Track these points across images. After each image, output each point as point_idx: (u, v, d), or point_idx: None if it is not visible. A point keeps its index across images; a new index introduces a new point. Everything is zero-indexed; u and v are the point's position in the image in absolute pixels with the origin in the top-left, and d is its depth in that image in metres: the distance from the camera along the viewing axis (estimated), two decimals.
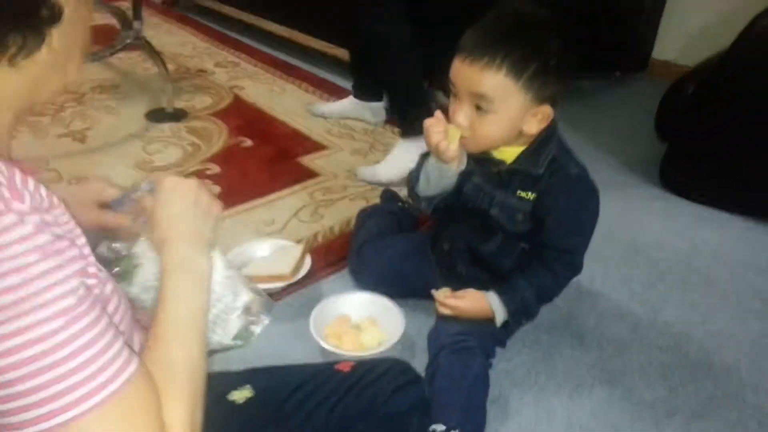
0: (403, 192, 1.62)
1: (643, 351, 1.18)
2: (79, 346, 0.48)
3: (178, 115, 2.05)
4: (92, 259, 0.56)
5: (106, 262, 0.75)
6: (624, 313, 1.27)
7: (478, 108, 0.97)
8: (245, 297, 0.85)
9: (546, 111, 0.99)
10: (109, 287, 0.61)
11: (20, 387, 0.46)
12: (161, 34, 2.86)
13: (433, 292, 1.10)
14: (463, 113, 0.98)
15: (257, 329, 0.88)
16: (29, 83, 0.53)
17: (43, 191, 0.51)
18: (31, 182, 0.50)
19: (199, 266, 0.69)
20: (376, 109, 2.03)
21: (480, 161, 1.10)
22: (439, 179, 1.07)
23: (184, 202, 0.71)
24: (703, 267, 1.41)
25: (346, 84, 2.34)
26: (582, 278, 1.30)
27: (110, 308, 0.60)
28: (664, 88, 1.83)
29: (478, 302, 1.06)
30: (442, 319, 1.09)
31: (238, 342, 0.88)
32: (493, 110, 0.96)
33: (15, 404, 0.46)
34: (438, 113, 1.02)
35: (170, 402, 0.56)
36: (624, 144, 1.97)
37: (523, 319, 1.11)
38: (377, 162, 1.73)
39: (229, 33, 2.94)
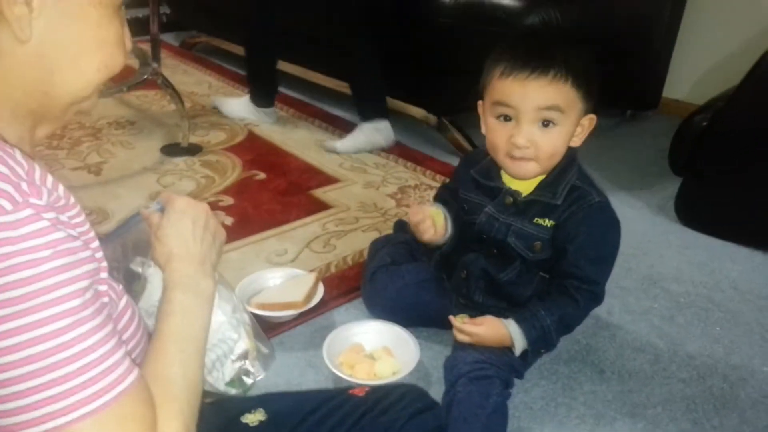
0: None
1: (666, 384, 1.14)
2: (81, 349, 0.47)
3: (193, 150, 2.07)
4: (105, 265, 0.55)
5: (132, 277, 0.75)
6: (644, 346, 1.24)
7: (545, 124, 0.98)
8: (244, 344, 0.84)
9: (591, 120, 1.02)
10: (123, 301, 0.60)
11: (19, 387, 0.45)
12: (178, 74, 2.92)
13: (451, 318, 1.07)
14: (523, 134, 0.98)
15: (249, 381, 0.87)
16: (27, 72, 0.52)
17: (61, 190, 0.51)
18: (49, 179, 0.50)
19: (205, 286, 0.70)
20: (269, 113, 2.33)
21: (493, 194, 1.10)
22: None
23: (194, 223, 0.72)
24: (724, 300, 1.38)
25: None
26: (600, 310, 1.29)
27: (121, 324, 0.59)
28: (675, 125, 1.84)
29: (497, 329, 1.04)
30: (459, 347, 1.07)
31: (231, 389, 0.86)
32: (560, 122, 0.98)
33: (13, 405, 0.45)
34: (413, 208, 1.13)
35: (165, 417, 0.54)
36: (639, 179, 1.96)
37: (542, 349, 1.09)
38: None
39: (243, 72, 2.99)
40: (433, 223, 1.12)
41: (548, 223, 1.05)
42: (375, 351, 1.16)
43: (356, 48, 2.03)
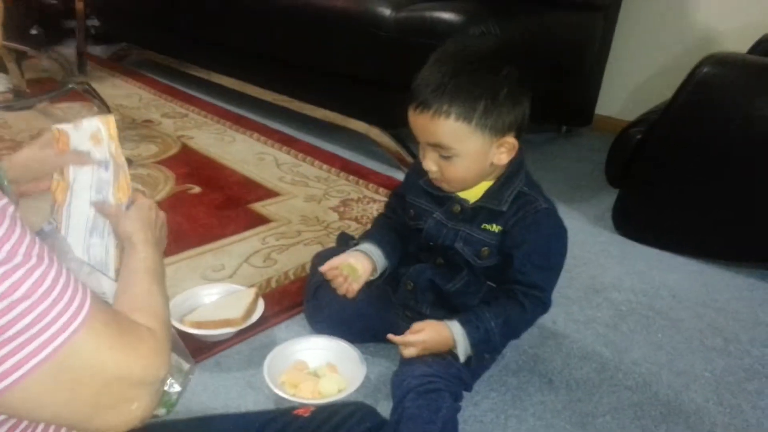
0: (358, 233, 1.58)
1: (613, 392, 1.13)
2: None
3: None
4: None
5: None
6: (590, 355, 1.23)
7: (440, 155, 0.97)
8: None
9: (510, 141, 0.98)
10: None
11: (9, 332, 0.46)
12: (107, 87, 2.78)
13: (390, 336, 1.03)
14: (429, 160, 1.00)
15: (173, 395, 0.81)
16: None
17: None
18: None
19: (162, 265, 0.77)
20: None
21: (440, 201, 1.08)
22: None
23: (154, 215, 0.84)
24: (664, 308, 1.40)
25: (297, 133, 2.33)
26: (545, 319, 1.29)
27: None
28: (608, 141, 1.89)
29: (440, 331, 1.01)
30: (405, 361, 1.02)
31: (161, 410, 0.80)
32: (455, 154, 0.96)
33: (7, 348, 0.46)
34: (328, 264, 1.10)
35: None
36: (576, 193, 2.00)
37: (486, 353, 1.05)
38: None
39: (177, 86, 2.89)
40: (349, 277, 1.09)
41: (496, 228, 1.03)
42: (319, 368, 1.10)
43: None
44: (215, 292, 1.25)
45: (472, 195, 1.06)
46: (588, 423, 1.06)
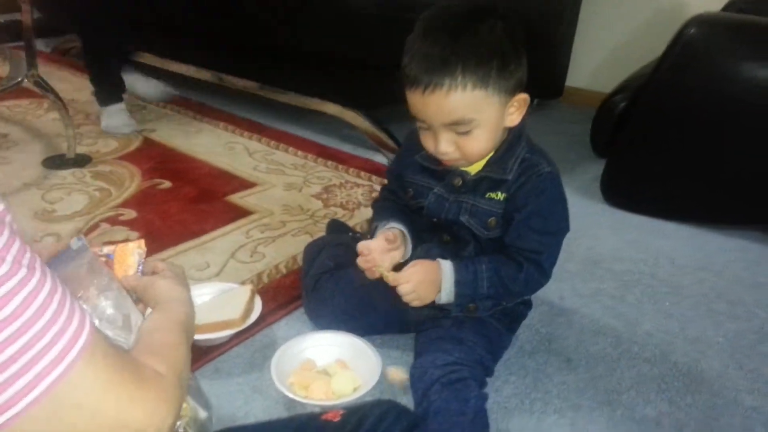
0: (352, 220, 1.50)
1: (632, 366, 1.10)
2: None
3: (81, 161, 1.83)
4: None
5: None
6: (602, 329, 1.20)
7: (459, 133, 0.90)
8: None
9: (521, 98, 0.93)
10: None
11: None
12: (53, 81, 2.52)
13: (382, 273, 0.98)
14: (444, 142, 0.92)
15: None
16: None
17: None
18: None
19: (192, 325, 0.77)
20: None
21: (440, 176, 1.02)
22: None
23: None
24: (666, 275, 1.38)
25: (266, 120, 2.22)
26: (552, 296, 1.25)
27: None
28: (580, 112, 1.88)
29: (430, 267, 0.97)
30: (423, 350, 0.96)
31: None
32: (475, 126, 0.90)
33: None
34: (362, 247, 1.01)
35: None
36: (558, 165, 1.96)
37: (470, 300, 0.98)
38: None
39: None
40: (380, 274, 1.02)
41: (501, 196, 0.98)
42: (329, 366, 1.03)
43: None
44: (206, 292, 1.16)
45: (474, 167, 1.00)
46: (614, 400, 1.02)
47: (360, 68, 1.88)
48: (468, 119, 0.88)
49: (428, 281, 0.97)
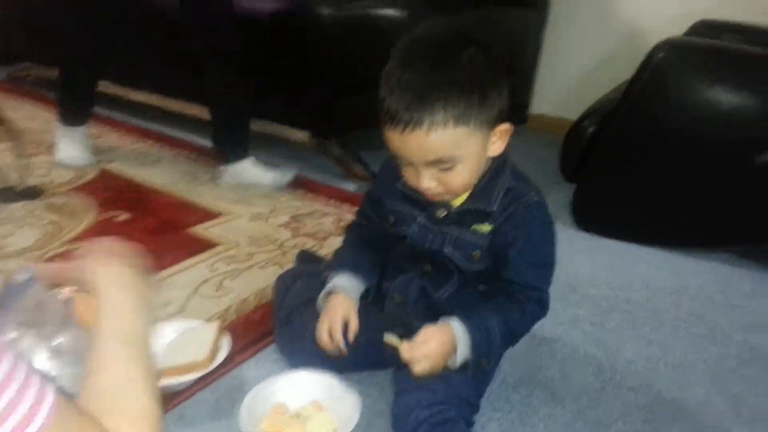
0: (323, 250, 1.45)
1: (617, 396, 1.07)
2: None
3: (32, 193, 1.72)
4: None
5: None
6: (584, 358, 1.17)
7: (441, 169, 0.85)
8: None
9: (504, 129, 0.89)
10: None
11: None
12: (6, 110, 2.48)
13: (389, 340, 0.92)
14: (426, 179, 0.87)
15: None
16: None
17: None
18: None
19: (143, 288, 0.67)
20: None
21: (422, 205, 0.98)
22: None
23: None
24: (642, 300, 1.37)
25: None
26: None
27: None
28: (545, 138, 1.88)
29: (446, 334, 0.90)
30: (403, 389, 0.91)
31: None
32: (458, 161, 0.85)
33: None
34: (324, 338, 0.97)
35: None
36: None
37: (484, 359, 0.94)
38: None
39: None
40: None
41: (486, 228, 0.94)
42: (303, 408, 0.96)
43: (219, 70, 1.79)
44: (169, 331, 1.08)
45: (457, 198, 0.96)
46: None
47: (328, 93, 1.84)
48: (449, 157, 0.83)
49: (444, 352, 0.90)
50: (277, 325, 1.11)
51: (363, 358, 1.04)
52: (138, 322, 0.62)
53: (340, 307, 0.99)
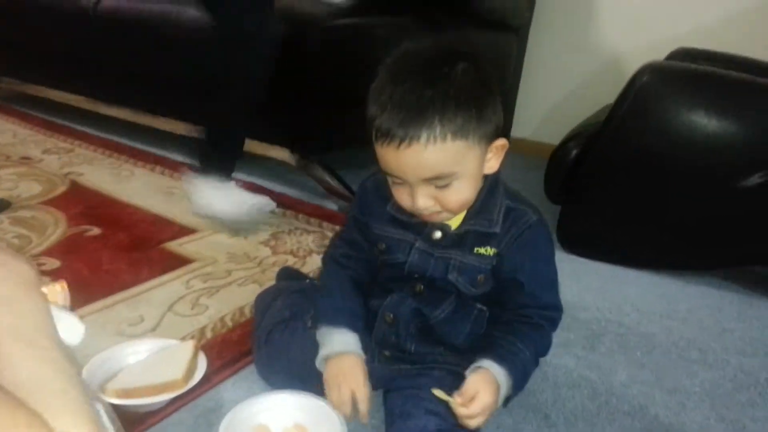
0: (304, 268, 1.39)
1: (613, 420, 1.03)
2: None
3: None
4: None
5: None
6: (577, 381, 1.12)
7: (438, 187, 0.81)
8: None
9: (500, 144, 0.85)
10: None
11: None
12: None
13: (438, 394, 0.86)
14: (423, 197, 0.82)
15: None
16: None
17: None
18: None
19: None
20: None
21: (416, 228, 0.92)
22: None
23: None
24: (633, 323, 1.34)
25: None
26: None
27: None
28: (525, 162, 1.87)
29: (493, 385, 0.85)
30: (409, 413, 0.85)
31: None
32: (456, 178, 0.80)
33: None
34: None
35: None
36: None
37: (517, 391, 0.91)
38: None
39: (59, 121, 2.56)
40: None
41: (490, 251, 0.90)
42: (285, 431, 0.90)
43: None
44: (142, 349, 1.01)
45: (454, 219, 0.91)
46: None
47: (310, 112, 1.80)
48: (448, 173, 0.79)
49: (494, 402, 0.86)
50: (255, 345, 1.04)
51: None
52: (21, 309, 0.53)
53: (359, 370, 0.91)
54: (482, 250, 0.90)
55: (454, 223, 0.90)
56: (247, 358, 1.06)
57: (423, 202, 0.82)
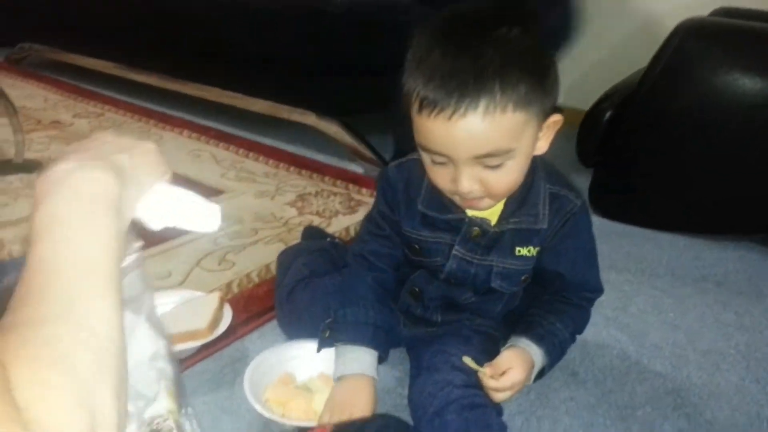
0: (329, 228, 1.39)
1: (644, 379, 1.00)
2: None
3: (29, 167, 1.66)
4: None
5: None
6: (607, 341, 1.10)
7: (490, 166, 0.71)
8: (162, 406, 0.58)
9: (555, 120, 0.76)
10: None
11: None
12: (5, 87, 2.43)
13: (468, 362, 0.83)
14: (468, 179, 0.72)
15: None
16: None
17: None
18: None
19: (91, 182, 0.44)
20: None
21: (451, 226, 0.85)
22: None
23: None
24: (667, 286, 1.30)
25: (234, 129, 2.10)
26: None
27: None
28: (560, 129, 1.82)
29: (527, 363, 0.84)
30: (435, 366, 0.83)
31: None
32: (510, 158, 0.71)
33: None
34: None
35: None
36: None
37: (551, 368, 0.92)
38: None
39: (89, 86, 2.58)
40: None
41: (533, 251, 0.85)
42: (310, 381, 0.90)
43: None
44: (169, 301, 1.02)
45: (489, 211, 0.82)
46: (628, 416, 0.92)
47: (334, 74, 1.78)
48: (505, 149, 0.69)
49: (525, 379, 0.84)
50: (277, 302, 1.04)
51: None
52: (88, 241, 0.41)
53: (369, 398, 0.83)
54: (524, 251, 0.85)
55: (492, 216, 0.83)
56: (272, 312, 1.06)
57: (468, 184, 0.72)
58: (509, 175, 0.74)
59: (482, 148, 0.69)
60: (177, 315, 0.97)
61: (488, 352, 0.87)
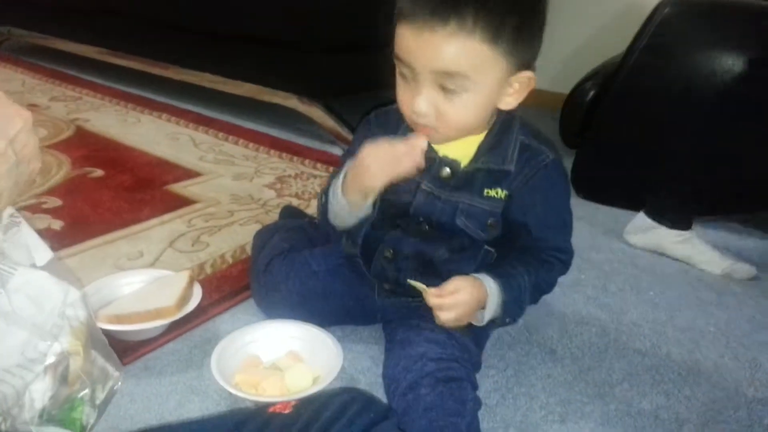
0: (309, 209, 1.36)
1: (622, 357, 0.99)
2: None
3: None
4: None
5: None
6: (586, 319, 1.09)
7: (445, 89, 0.73)
8: (63, 344, 0.58)
9: (526, 77, 0.76)
10: None
11: None
12: None
13: (414, 283, 0.81)
14: (424, 99, 0.73)
15: (85, 405, 0.60)
16: None
17: None
18: None
19: None
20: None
21: (424, 167, 0.83)
22: (350, 213, 0.85)
23: None
24: (647, 265, 1.29)
25: (213, 113, 2.06)
26: None
27: None
28: (541, 112, 1.80)
29: (478, 289, 0.81)
30: (409, 340, 0.81)
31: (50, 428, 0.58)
32: (466, 88, 0.72)
33: None
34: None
35: None
36: None
37: (508, 318, 0.86)
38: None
39: (67, 71, 2.53)
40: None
41: (501, 193, 0.83)
42: (279, 360, 0.88)
43: None
44: (137, 280, 0.99)
45: (461, 153, 0.83)
46: (606, 393, 0.90)
47: (314, 55, 1.75)
48: (463, 73, 0.71)
49: (473, 305, 0.82)
50: (253, 276, 1.02)
51: (346, 310, 0.96)
52: None
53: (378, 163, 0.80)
54: (492, 192, 0.83)
55: (464, 160, 0.83)
56: (246, 292, 1.04)
57: (424, 105, 0.74)
58: (463, 109, 0.74)
59: (441, 63, 0.71)
60: (144, 293, 0.94)
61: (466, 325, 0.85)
